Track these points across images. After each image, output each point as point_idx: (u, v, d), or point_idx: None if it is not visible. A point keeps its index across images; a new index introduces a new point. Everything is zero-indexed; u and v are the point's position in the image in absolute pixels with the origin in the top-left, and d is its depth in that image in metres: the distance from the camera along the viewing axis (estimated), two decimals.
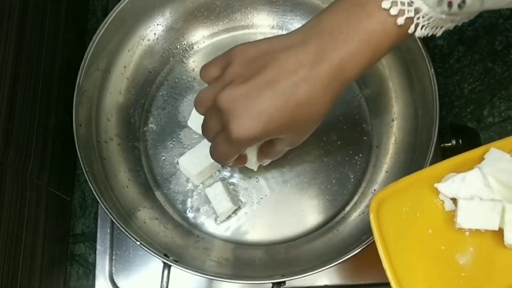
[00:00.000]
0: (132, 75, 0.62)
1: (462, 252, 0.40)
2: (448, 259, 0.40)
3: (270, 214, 0.59)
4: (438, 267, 0.39)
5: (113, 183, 0.56)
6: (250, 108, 0.40)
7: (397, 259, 0.38)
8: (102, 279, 0.61)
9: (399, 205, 0.40)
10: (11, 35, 0.52)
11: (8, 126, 0.51)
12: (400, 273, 0.38)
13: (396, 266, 0.38)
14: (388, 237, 0.39)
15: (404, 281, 0.38)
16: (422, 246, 0.40)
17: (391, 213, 0.39)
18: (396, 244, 0.39)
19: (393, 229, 0.39)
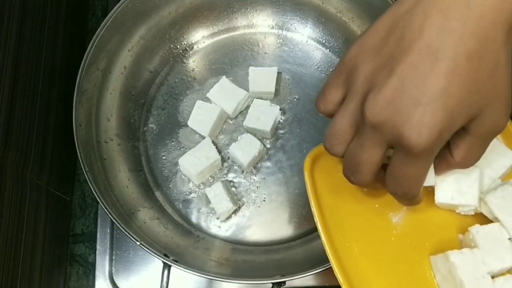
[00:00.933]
0: (132, 75, 0.62)
1: (395, 211, 0.40)
2: (381, 217, 0.40)
3: (270, 214, 0.59)
4: (371, 224, 0.39)
5: (113, 183, 0.56)
6: (415, 98, 0.30)
7: (330, 216, 0.38)
8: (102, 279, 0.61)
9: (334, 163, 0.40)
10: (11, 35, 0.52)
11: (8, 126, 0.51)
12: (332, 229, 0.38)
13: (328, 223, 0.38)
14: (322, 194, 0.38)
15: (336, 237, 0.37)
16: (356, 204, 0.40)
17: (325, 170, 0.39)
18: (330, 201, 0.38)
19: (327, 186, 0.39)
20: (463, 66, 0.29)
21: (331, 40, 0.65)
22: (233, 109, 0.60)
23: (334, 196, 0.39)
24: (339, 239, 0.38)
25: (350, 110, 0.33)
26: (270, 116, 0.59)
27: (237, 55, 0.65)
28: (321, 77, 0.64)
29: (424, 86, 0.30)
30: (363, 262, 0.38)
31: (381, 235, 0.39)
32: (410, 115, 0.30)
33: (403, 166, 0.32)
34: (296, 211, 0.59)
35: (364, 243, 0.39)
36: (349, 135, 0.34)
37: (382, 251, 0.39)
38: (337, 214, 0.38)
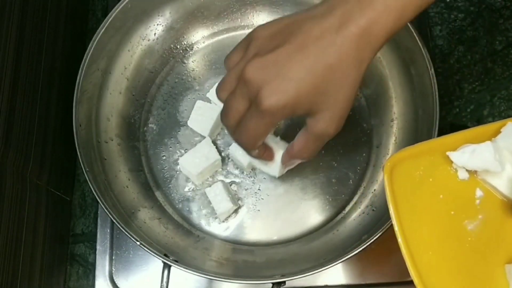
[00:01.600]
0: (132, 75, 0.62)
1: (471, 219, 0.41)
2: (456, 224, 0.40)
3: (270, 214, 0.59)
4: (445, 229, 0.40)
5: (113, 183, 0.56)
6: (281, 72, 0.38)
7: (406, 219, 0.39)
8: (102, 279, 0.61)
9: (412, 169, 0.41)
10: (11, 35, 0.52)
11: (8, 126, 0.51)
12: (408, 233, 0.38)
13: (405, 226, 0.38)
14: (400, 198, 0.39)
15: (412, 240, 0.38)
16: (432, 209, 0.40)
17: (404, 175, 0.40)
18: (407, 205, 0.39)
19: (404, 190, 0.40)
20: (319, 71, 0.38)
21: None
22: None
23: (410, 201, 0.40)
24: (414, 242, 0.38)
25: (238, 67, 0.41)
26: None
27: None
28: None
29: (291, 69, 0.38)
30: (436, 266, 0.39)
31: (456, 240, 0.40)
32: (273, 81, 0.39)
33: (249, 119, 0.41)
34: (296, 211, 0.59)
35: (439, 247, 0.39)
36: (231, 85, 0.42)
37: (456, 256, 0.39)
38: (414, 218, 0.39)
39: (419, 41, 0.53)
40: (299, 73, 0.38)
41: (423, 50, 0.53)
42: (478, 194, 0.41)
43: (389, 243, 0.61)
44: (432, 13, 0.71)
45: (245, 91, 0.40)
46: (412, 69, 0.57)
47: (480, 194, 0.41)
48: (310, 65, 0.38)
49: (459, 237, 0.40)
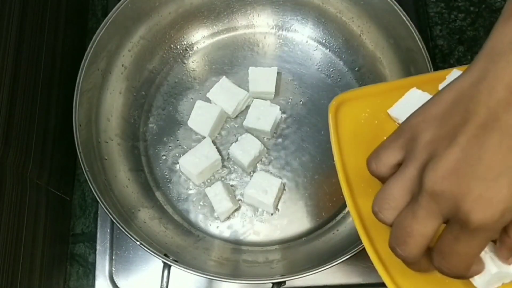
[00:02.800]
0: (132, 75, 0.62)
1: None
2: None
3: (270, 214, 0.58)
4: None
5: (113, 183, 0.56)
6: (479, 171, 0.28)
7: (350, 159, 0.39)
8: (102, 279, 0.61)
9: (358, 110, 0.41)
10: (11, 35, 0.52)
11: (8, 126, 0.51)
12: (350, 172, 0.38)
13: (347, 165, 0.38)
14: (344, 137, 0.39)
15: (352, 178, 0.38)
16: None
17: (349, 115, 0.40)
18: (350, 145, 0.39)
19: (349, 130, 0.40)
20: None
21: (331, 40, 0.65)
22: (233, 109, 0.60)
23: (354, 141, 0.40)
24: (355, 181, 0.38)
25: (407, 175, 0.31)
26: (270, 116, 0.59)
27: (237, 55, 0.65)
28: (321, 77, 0.64)
29: (489, 160, 0.28)
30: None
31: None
32: (472, 188, 0.28)
33: (455, 241, 0.31)
34: (296, 211, 0.59)
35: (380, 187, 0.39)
36: (402, 201, 0.32)
37: None
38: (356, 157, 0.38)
39: (419, 41, 0.53)
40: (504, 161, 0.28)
41: (423, 50, 0.53)
42: None
43: None
44: (432, 13, 0.71)
45: (433, 208, 0.30)
46: (412, 69, 0.57)
47: None
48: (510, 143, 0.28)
49: None
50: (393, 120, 0.41)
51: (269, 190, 0.56)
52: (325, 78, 0.64)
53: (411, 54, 0.55)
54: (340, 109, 0.40)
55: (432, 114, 0.31)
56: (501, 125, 0.28)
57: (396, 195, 0.32)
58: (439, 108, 0.31)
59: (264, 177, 0.57)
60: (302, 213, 0.59)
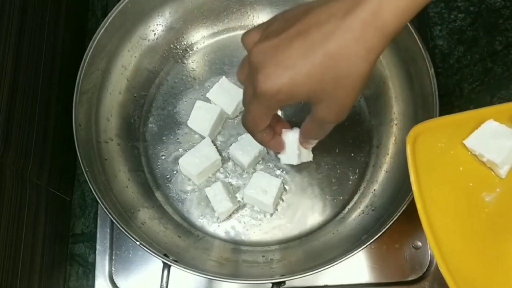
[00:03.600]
0: (132, 75, 0.62)
1: (489, 191, 0.42)
2: (474, 195, 0.42)
3: (269, 214, 0.58)
4: (463, 199, 0.41)
5: (113, 183, 0.56)
6: (278, 58, 0.38)
7: (426, 188, 0.40)
8: (102, 279, 0.61)
9: (434, 140, 0.42)
10: (11, 35, 0.52)
11: (8, 126, 0.51)
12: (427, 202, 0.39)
13: (424, 195, 0.40)
14: (420, 168, 0.40)
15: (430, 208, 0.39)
16: (451, 180, 0.42)
17: (426, 146, 0.41)
18: (427, 175, 0.40)
19: (425, 161, 0.41)
20: (318, 59, 0.37)
21: None
22: (233, 109, 0.60)
23: (430, 172, 0.41)
24: (433, 211, 0.39)
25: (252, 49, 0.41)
26: None
27: (237, 55, 0.65)
28: None
29: (287, 55, 0.38)
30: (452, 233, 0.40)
31: (473, 211, 0.41)
32: (267, 66, 0.38)
33: (251, 103, 0.42)
34: (296, 211, 0.59)
35: (456, 216, 0.40)
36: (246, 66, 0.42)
37: (472, 226, 0.41)
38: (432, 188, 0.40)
39: (419, 41, 0.53)
40: (296, 60, 0.37)
41: (423, 50, 0.53)
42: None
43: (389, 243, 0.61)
44: (432, 13, 0.71)
45: (247, 70, 0.41)
46: (412, 69, 0.57)
47: None
48: (309, 52, 0.37)
49: (477, 207, 0.41)
50: (469, 151, 0.42)
51: (269, 190, 0.56)
52: None
53: (410, 54, 0.55)
54: (417, 140, 0.41)
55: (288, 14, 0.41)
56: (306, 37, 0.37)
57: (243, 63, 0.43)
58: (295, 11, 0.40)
59: (264, 177, 0.57)
60: (302, 213, 0.59)
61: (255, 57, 0.39)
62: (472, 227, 0.40)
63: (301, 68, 0.37)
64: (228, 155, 0.60)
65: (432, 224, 0.39)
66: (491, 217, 0.41)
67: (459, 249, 0.39)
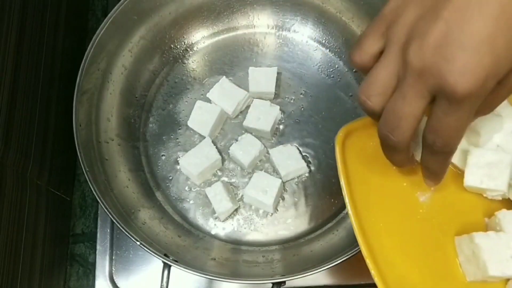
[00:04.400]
0: (132, 75, 0.62)
1: (423, 191, 0.40)
2: (408, 195, 0.40)
3: (269, 214, 0.59)
4: (397, 200, 0.40)
5: (113, 183, 0.56)
6: (462, 42, 0.29)
7: (358, 191, 0.38)
8: (102, 279, 0.61)
9: (365, 140, 0.40)
10: (11, 35, 0.52)
11: (8, 126, 0.51)
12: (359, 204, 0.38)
13: (356, 197, 0.38)
14: (352, 169, 0.39)
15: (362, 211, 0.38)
16: (384, 180, 0.40)
17: (357, 146, 0.40)
18: (358, 176, 0.39)
19: (357, 161, 0.39)
20: (510, 11, 0.28)
21: (331, 40, 0.65)
22: (233, 109, 0.60)
23: (363, 173, 0.40)
24: (365, 213, 0.38)
25: (391, 59, 0.31)
26: (270, 116, 0.59)
27: (237, 55, 0.65)
28: (321, 77, 0.64)
29: (471, 30, 0.28)
30: (387, 238, 0.39)
31: (406, 213, 0.40)
32: (456, 60, 0.29)
33: (444, 116, 0.31)
34: (296, 211, 0.59)
35: (390, 219, 0.39)
36: (389, 86, 0.32)
37: (406, 229, 0.39)
38: (365, 189, 0.39)
39: None
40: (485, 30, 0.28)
41: None
42: None
43: None
44: None
45: (421, 86, 0.30)
46: None
47: None
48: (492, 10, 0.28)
49: (411, 208, 0.40)
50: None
51: (269, 190, 0.56)
52: (325, 78, 0.64)
53: None
54: (348, 140, 0.40)
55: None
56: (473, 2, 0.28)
57: (383, 79, 0.32)
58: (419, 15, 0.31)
59: (264, 177, 0.57)
60: (302, 213, 0.59)
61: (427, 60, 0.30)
62: (407, 229, 0.39)
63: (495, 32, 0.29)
64: (228, 155, 0.60)
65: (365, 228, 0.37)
66: (425, 218, 0.40)
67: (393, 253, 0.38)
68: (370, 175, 0.40)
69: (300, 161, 0.58)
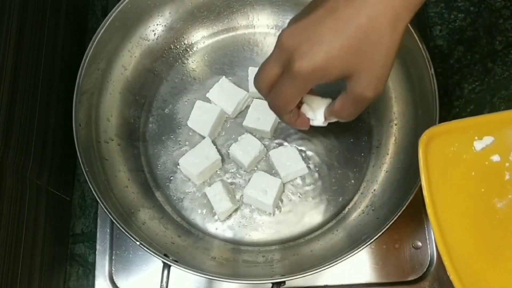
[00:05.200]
0: (132, 75, 0.62)
1: (501, 197, 0.42)
2: (486, 201, 0.42)
3: (269, 214, 0.58)
4: (475, 205, 0.41)
5: (113, 183, 0.56)
6: (311, 37, 0.40)
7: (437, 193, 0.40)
8: (102, 279, 0.61)
9: (447, 144, 0.42)
10: (11, 35, 0.52)
11: (8, 126, 0.51)
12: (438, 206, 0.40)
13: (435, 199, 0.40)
14: (432, 172, 0.40)
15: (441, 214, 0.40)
16: (463, 185, 0.42)
17: (438, 150, 0.41)
18: (438, 180, 0.41)
19: (437, 165, 0.41)
20: (350, 32, 0.39)
21: None
22: (233, 109, 0.60)
23: (442, 175, 0.41)
24: (443, 215, 0.40)
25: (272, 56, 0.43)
26: (270, 116, 0.59)
27: (237, 55, 0.65)
28: None
29: (319, 32, 0.40)
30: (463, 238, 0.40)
31: (483, 217, 0.41)
32: (303, 45, 0.40)
33: (282, 84, 0.43)
34: (296, 211, 0.59)
35: (466, 221, 0.41)
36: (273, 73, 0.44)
37: (482, 231, 0.41)
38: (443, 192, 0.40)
39: (419, 41, 0.53)
40: (329, 36, 0.39)
41: (423, 50, 0.53)
42: (509, 175, 0.42)
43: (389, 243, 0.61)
44: (432, 13, 0.71)
45: (278, 56, 0.42)
46: (412, 69, 0.57)
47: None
48: (341, 27, 0.39)
49: (488, 213, 0.41)
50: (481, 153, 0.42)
51: (269, 190, 0.56)
52: None
53: (410, 54, 0.55)
54: (430, 143, 0.41)
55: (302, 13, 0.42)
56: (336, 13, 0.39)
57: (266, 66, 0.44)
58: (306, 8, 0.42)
59: (264, 177, 0.57)
60: (302, 213, 0.59)
61: (285, 39, 0.41)
62: (482, 234, 0.41)
63: (335, 43, 0.39)
64: (228, 155, 0.60)
65: (442, 230, 0.39)
66: (502, 223, 0.41)
67: (468, 255, 0.39)
68: (449, 178, 0.41)
69: (300, 162, 0.58)
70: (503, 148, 0.42)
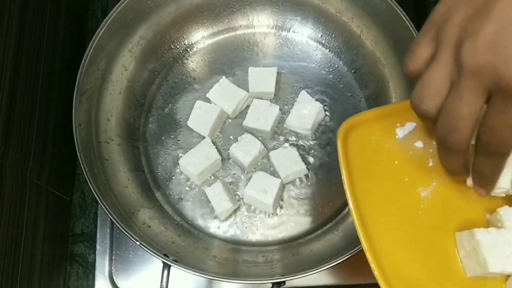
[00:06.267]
0: (132, 75, 0.62)
1: (425, 186, 0.40)
2: (410, 190, 0.40)
3: (269, 214, 0.58)
4: (399, 195, 0.40)
5: (113, 183, 0.56)
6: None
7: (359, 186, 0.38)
8: (102, 279, 0.61)
9: (369, 134, 0.40)
10: (11, 35, 0.52)
11: (8, 126, 0.51)
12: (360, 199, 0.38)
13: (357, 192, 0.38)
14: (354, 163, 0.39)
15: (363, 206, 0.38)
16: (386, 175, 0.40)
17: (359, 141, 0.40)
18: (360, 171, 0.39)
19: (359, 156, 0.39)
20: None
21: (331, 40, 0.65)
22: (233, 109, 0.60)
23: (365, 167, 0.39)
24: (367, 207, 0.38)
25: (443, 60, 0.31)
26: (270, 116, 0.59)
27: (237, 55, 0.65)
28: (321, 77, 0.64)
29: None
30: (388, 232, 0.38)
31: (408, 208, 0.40)
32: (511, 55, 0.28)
33: (501, 113, 0.30)
34: (296, 211, 0.59)
35: (391, 213, 0.39)
36: (443, 87, 0.31)
37: (407, 223, 0.39)
38: (366, 184, 0.39)
39: None
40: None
41: None
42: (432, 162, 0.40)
43: None
44: None
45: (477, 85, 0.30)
46: None
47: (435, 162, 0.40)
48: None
49: (412, 203, 0.40)
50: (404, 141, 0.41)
51: (269, 190, 0.56)
52: (325, 77, 0.64)
53: None
54: (350, 134, 0.40)
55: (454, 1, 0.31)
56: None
57: (436, 82, 0.31)
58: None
59: (264, 177, 0.57)
60: (302, 213, 0.59)
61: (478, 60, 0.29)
62: (408, 224, 0.39)
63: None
64: (228, 155, 0.60)
65: (366, 223, 0.38)
66: (427, 213, 0.39)
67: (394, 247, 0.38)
68: (372, 169, 0.40)
69: (300, 163, 0.58)
70: (426, 133, 0.40)
